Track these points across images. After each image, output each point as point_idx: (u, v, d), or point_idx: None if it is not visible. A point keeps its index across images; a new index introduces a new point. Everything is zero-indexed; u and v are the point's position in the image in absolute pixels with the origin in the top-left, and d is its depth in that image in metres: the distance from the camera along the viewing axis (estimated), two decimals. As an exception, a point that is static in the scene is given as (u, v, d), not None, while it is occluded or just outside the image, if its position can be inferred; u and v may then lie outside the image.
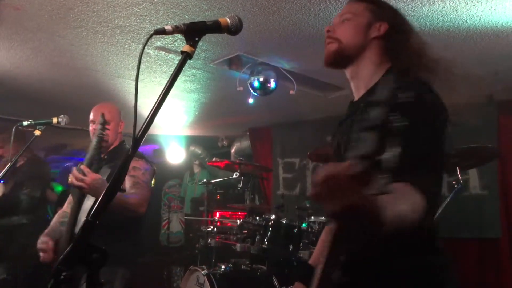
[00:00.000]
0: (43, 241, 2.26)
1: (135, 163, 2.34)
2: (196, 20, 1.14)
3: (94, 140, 2.23)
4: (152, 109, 1.00)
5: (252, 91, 3.64)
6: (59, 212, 2.58)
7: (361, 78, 1.32)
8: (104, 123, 2.23)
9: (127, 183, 2.32)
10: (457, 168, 3.07)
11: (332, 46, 1.33)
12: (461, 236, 4.04)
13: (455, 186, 3.09)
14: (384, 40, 1.30)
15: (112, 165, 2.36)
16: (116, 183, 0.95)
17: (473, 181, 4.07)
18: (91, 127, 2.51)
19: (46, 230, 2.39)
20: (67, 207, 2.52)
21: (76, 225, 2.31)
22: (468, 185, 4.04)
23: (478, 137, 3.94)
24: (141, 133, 0.99)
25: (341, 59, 1.33)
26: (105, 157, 2.45)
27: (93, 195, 2.09)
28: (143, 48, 1.04)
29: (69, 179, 2.11)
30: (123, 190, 2.29)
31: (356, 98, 1.35)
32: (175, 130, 6.06)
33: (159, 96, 1.01)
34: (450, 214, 3.41)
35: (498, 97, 3.97)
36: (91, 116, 2.52)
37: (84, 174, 2.03)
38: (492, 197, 3.98)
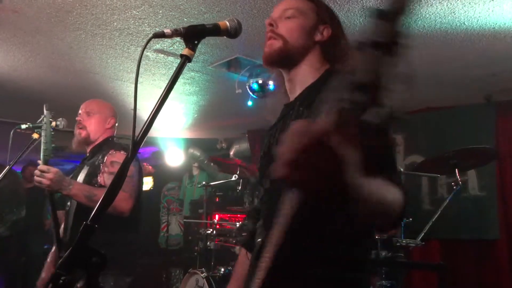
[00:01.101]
0: (42, 278, 2.27)
1: (111, 157, 2.18)
2: (195, 23, 1.13)
3: (41, 138, 2.10)
4: (151, 112, 0.99)
5: (250, 93, 3.64)
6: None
7: (298, 80, 1.24)
8: (50, 121, 2.11)
9: (108, 182, 2.11)
10: (456, 169, 3.08)
11: (276, 44, 1.21)
12: (460, 237, 4.04)
13: (454, 187, 3.10)
14: (325, 45, 1.23)
15: (90, 162, 2.25)
16: (114, 187, 0.95)
17: (472, 182, 4.07)
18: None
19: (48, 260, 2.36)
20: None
21: (63, 228, 2.28)
22: (467, 186, 4.04)
23: (477, 138, 3.96)
24: (140, 136, 0.98)
25: (285, 59, 1.22)
26: (88, 155, 2.35)
27: (56, 191, 2.01)
28: (142, 51, 1.04)
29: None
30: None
31: (291, 99, 1.27)
32: (174, 132, 6.06)
33: (159, 99, 1.00)
34: (449, 215, 3.41)
35: (497, 98, 3.98)
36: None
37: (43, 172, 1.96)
38: (491, 198, 3.99)
